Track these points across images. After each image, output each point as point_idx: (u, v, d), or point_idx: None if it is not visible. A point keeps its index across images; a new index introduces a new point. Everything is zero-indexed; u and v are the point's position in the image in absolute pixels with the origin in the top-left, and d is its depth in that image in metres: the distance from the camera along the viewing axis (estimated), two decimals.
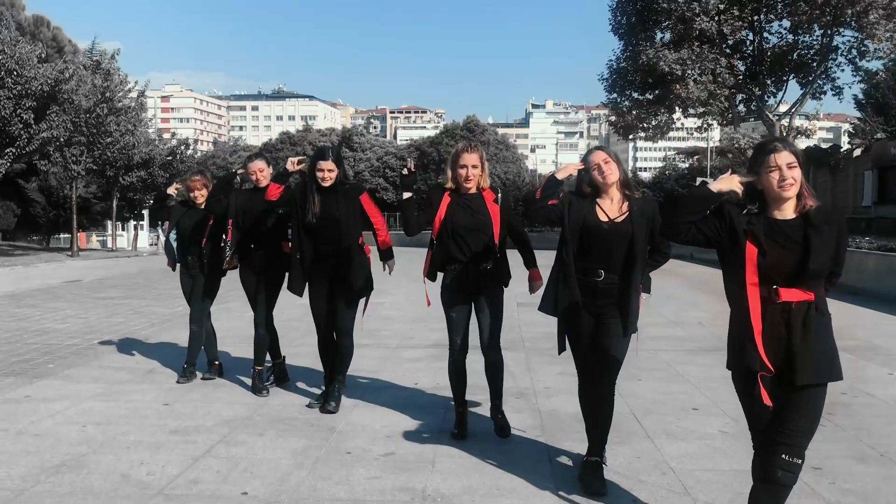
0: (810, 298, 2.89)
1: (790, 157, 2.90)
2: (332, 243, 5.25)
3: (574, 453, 4.48)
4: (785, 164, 2.89)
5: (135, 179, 33.27)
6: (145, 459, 4.37)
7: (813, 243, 2.88)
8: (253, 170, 5.93)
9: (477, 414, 5.36)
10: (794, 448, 2.91)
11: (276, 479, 4.07)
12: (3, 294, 13.64)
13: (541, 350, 7.68)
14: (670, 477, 4.11)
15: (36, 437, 4.80)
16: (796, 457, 2.91)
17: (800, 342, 2.89)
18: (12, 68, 21.79)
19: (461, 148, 4.66)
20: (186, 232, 6.39)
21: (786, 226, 2.94)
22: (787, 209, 2.95)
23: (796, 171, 2.90)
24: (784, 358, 2.92)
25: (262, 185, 5.85)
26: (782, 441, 2.93)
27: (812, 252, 2.86)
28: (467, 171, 4.55)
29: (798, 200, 2.95)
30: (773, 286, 2.89)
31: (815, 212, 2.93)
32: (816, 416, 2.96)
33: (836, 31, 28.33)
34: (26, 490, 3.89)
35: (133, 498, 3.79)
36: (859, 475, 4.17)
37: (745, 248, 2.92)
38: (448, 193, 4.65)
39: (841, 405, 5.69)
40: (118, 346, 8.10)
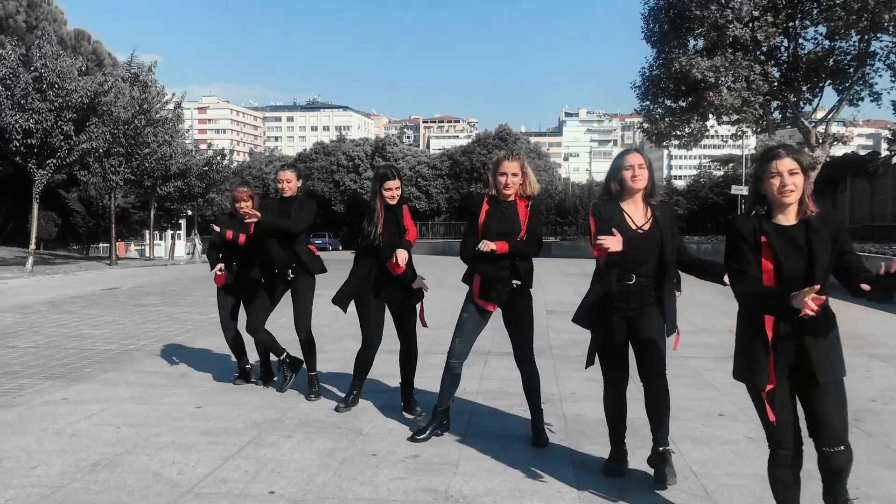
0: (821, 301, 2.91)
1: (792, 164, 2.95)
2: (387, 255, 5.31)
3: (597, 457, 4.51)
4: (786, 170, 2.94)
5: (172, 189, 33.90)
6: (176, 459, 4.50)
7: (815, 248, 2.93)
8: (281, 179, 6.07)
9: (503, 416, 5.42)
10: (836, 438, 3.10)
11: (302, 479, 4.16)
12: (44, 301, 14.00)
13: (568, 357, 7.69)
14: (692, 481, 4.12)
15: (73, 438, 4.96)
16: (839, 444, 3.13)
17: (814, 344, 2.97)
18: (54, 81, 22.38)
19: (502, 156, 4.73)
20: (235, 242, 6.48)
21: (790, 231, 2.98)
22: (790, 214, 3.01)
23: (798, 177, 2.95)
24: (800, 360, 2.96)
25: (287, 195, 6.01)
26: (822, 439, 3.11)
27: (816, 257, 2.91)
28: (507, 178, 4.62)
29: (800, 206, 2.99)
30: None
31: (815, 218, 2.98)
32: (842, 404, 3.11)
33: (874, 37, 27.88)
34: (63, 487, 4.03)
35: (164, 496, 3.90)
36: (884, 481, 4.15)
37: (762, 259, 2.97)
38: (487, 200, 4.73)
39: (870, 412, 5.63)
40: (153, 351, 8.29)
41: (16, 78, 22.27)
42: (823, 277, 2.96)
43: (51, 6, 37.49)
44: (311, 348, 6.10)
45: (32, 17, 35.53)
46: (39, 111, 22.07)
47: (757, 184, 3.09)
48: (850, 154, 38.07)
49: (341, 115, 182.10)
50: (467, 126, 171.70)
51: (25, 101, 22.11)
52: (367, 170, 64.65)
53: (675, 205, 57.25)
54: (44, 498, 3.87)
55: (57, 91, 22.36)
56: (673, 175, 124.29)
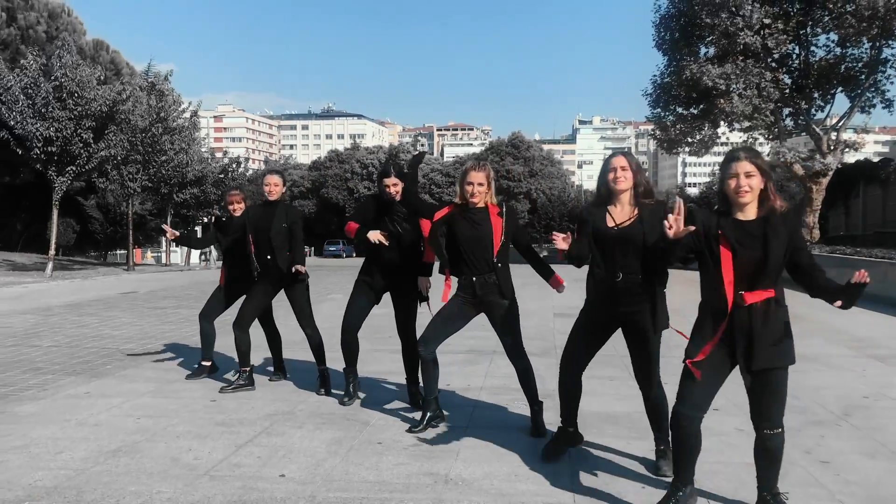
0: (771, 294, 3.20)
1: (749, 167, 3.23)
2: (397, 251, 5.59)
3: (592, 445, 4.73)
4: (743, 172, 3.22)
5: (188, 196, 34.35)
6: (193, 447, 4.76)
7: (770, 242, 3.18)
8: (268, 181, 6.33)
9: (504, 409, 5.65)
10: (770, 421, 3.37)
11: (311, 464, 4.41)
12: (64, 304, 14.36)
13: None
14: None
15: (95, 427, 5.23)
16: (776, 427, 3.37)
17: (759, 334, 3.24)
18: (73, 90, 22.85)
19: (469, 166, 4.95)
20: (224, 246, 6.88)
21: (748, 226, 3.24)
22: (749, 211, 3.29)
23: (754, 179, 3.22)
24: (747, 347, 3.26)
25: (272, 199, 6.27)
26: (761, 421, 3.39)
27: (770, 250, 3.16)
28: (473, 188, 4.84)
29: (762, 204, 3.24)
30: (740, 291, 3.22)
31: (776, 216, 3.26)
32: (782, 394, 3.36)
33: (885, 44, 27.93)
34: (87, 470, 4.29)
35: (182, 478, 4.16)
36: (865, 469, 4.34)
37: (721, 251, 3.23)
38: (451, 206, 4.98)
39: (861, 408, 5.82)
40: (169, 350, 8.56)
41: (37, 87, 22.79)
42: (776, 268, 3.23)
43: (70, 17, 38.17)
44: (319, 345, 6.36)
45: (53, 27, 36.19)
46: (59, 119, 22.55)
47: (721, 183, 3.34)
48: (863, 161, 37.99)
49: (356, 123, 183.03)
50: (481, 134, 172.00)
51: (46, 109, 22.61)
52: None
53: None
54: (69, 479, 4.13)
55: (77, 100, 22.83)
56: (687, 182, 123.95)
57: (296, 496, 3.88)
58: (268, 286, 6.34)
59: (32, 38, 34.33)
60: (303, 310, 6.34)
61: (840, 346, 8.94)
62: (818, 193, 29.24)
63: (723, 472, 4.23)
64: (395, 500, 3.82)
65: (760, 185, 3.27)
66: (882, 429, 5.22)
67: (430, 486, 4.05)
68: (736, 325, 3.29)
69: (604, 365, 5.13)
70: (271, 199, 6.27)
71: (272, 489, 3.98)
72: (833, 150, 28.87)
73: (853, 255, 16.44)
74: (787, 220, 3.31)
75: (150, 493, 3.91)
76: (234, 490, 3.97)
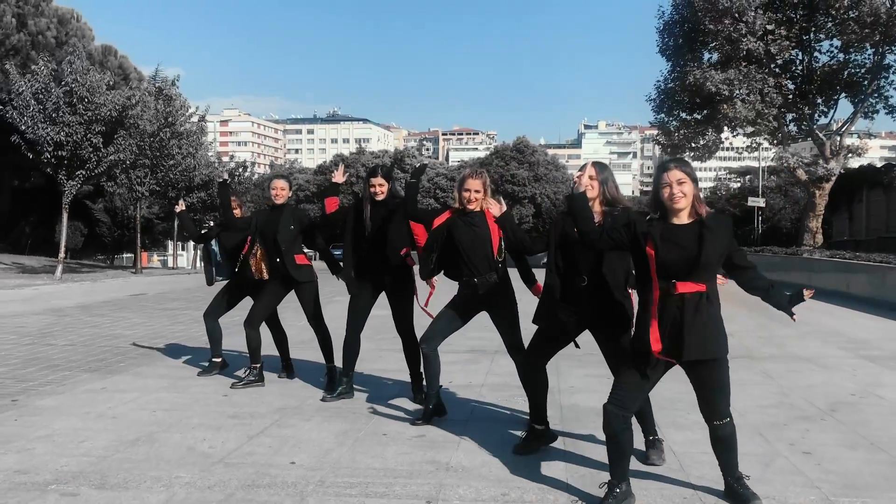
0: (702, 289, 3.50)
1: (680, 175, 3.53)
2: (380, 251, 5.88)
3: (586, 436, 4.99)
4: (675, 180, 3.53)
5: (195, 200, 34.71)
6: (207, 437, 5.02)
7: (706, 242, 3.49)
8: (275, 186, 6.61)
9: (504, 404, 5.91)
10: (718, 413, 3.69)
11: (320, 453, 4.66)
12: (75, 305, 14.66)
13: (570, 356, 8.00)
14: (670, 458, 4.57)
15: (113, 419, 5.49)
16: (723, 418, 3.69)
17: (690, 326, 3.51)
18: (83, 95, 23.23)
19: (467, 174, 5.23)
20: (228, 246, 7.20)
21: (682, 229, 3.55)
22: (683, 216, 3.60)
23: (686, 186, 3.54)
24: (677, 337, 3.53)
25: (279, 203, 6.54)
26: (708, 414, 3.72)
27: (704, 249, 3.48)
28: (470, 194, 5.11)
29: (693, 209, 3.53)
30: (672, 280, 3.51)
31: (708, 218, 3.57)
32: (725, 386, 3.67)
33: (888, 50, 28.13)
34: (109, 457, 4.56)
35: (198, 464, 4.42)
36: (845, 459, 4.57)
37: (646, 249, 3.52)
38: (450, 211, 5.24)
39: (847, 404, 6.05)
40: (179, 350, 8.83)
41: (48, 92, 23.16)
42: (708, 266, 3.52)
43: (80, 22, 38.61)
44: (327, 344, 6.63)
45: (62, 33, 36.62)
46: (70, 124, 22.94)
47: (655, 192, 3.66)
48: (866, 166, 38.13)
49: (361, 127, 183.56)
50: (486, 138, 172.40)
51: (57, 114, 22.98)
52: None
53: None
54: (93, 465, 4.40)
55: (87, 105, 23.22)
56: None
57: (306, 481, 4.13)
58: (277, 287, 6.60)
59: (42, 43, 34.75)
60: (312, 310, 6.61)
61: (835, 348, 9.15)
62: (821, 198, 29.43)
63: (708, 462, 4.42)
64: (399, 485, 4.07)
65: (692, 191, 3.56)
66: (865, 424, 5.45)
67: (432, 472, 4.30)
68: (667, 315, 3.54)
69: (599, 365, 5.35)
70: (278, 202, 6.54)
71: (283, 475, 4.24)
72: (836, 155, 29.06)
73: (852, 260, 16.63)
74: (722, 224, 3.63)
75: (169, 478, 4.17)
76: (247, 475, 4.22)
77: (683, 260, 3.51)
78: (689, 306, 3.52)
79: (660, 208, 3.67)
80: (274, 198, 6.56)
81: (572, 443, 4.93)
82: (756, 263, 3.88)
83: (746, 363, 7.98)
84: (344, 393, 6.14)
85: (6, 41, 33.59)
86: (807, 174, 29.20)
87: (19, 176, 35.79)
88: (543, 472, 4.31)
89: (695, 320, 3.52)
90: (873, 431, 5.22)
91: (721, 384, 3.68)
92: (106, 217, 40.21)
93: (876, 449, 4.80)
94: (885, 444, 4.89)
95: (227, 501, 3.82)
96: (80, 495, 3.90)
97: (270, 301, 6.68)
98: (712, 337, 3.57)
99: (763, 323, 11.40)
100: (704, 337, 3.54)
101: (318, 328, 6.63)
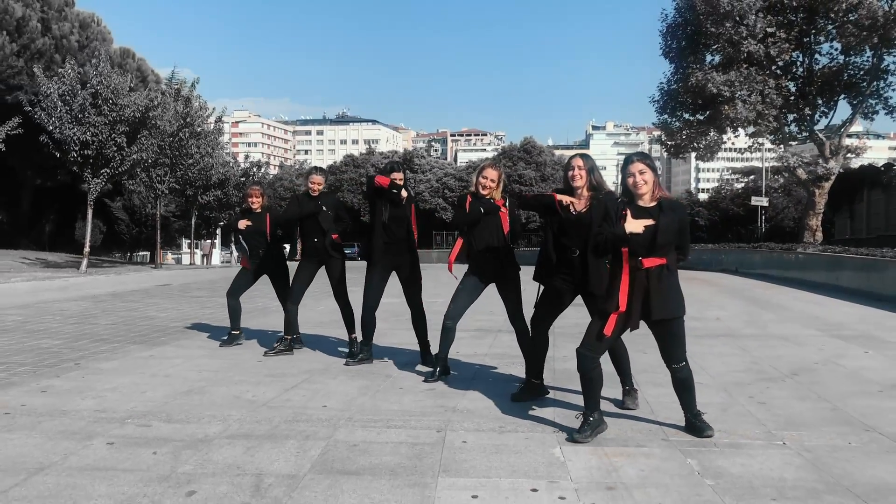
0: (663, 262, 4.39)
1: (641, 166, 4.42)
2: (397, 234, 6.75)
3: (573, 391, 5.81)
4: (637, 171, 4.37)
5: (211, 199, 35.71)
6: (249, 389, 5.88)
7: (661, 222, 4.30)
8: (313, 181, 7.48)
9: (504, 369, 6.75)
10: (675, 358, 4.56)
11: (346, 400, 5.52)
12: (107, 293, 15.59)
13: (567, 334, 8.90)
14: (644, 406, 5.39)
15: (166, 377, 6.37)
16: (680, 362, 4.57)
17: (654, 291, 4.40)
18: (108, 97, 24.22)
19: (486, 164, 6.15)
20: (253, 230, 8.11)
21: (645, 210, 4.39)
22: (646, 199, 4.45)
23: (647, 174, 4.42)
24: (645, 302, 4.40)
25: (314, 194, 7.42)
26: (668, 360, 4.59)
27: (660, 228, 4.28)
28: (486, 181, 5.99)
29: (653, 194, 4.40)
30: (638, 258, 4.36)
31: (665, 202, 4.43)
32: (681, 338, 4.56)
33: (886, 52, 28.78)
34: (169, 402, 5.43)
35: (245, 407, 5.28)
36: (793, 407, 5.38)
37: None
38: (469, 196, 6.08)
39: (808, 370, 6.85)
40: (213, 328, 9.70)
41: (74, 94, 24.15)
42: (666, 242, 4.38)
43: (100, 26, 39.67)
44: (350, 316, 7.49)
45: (83, 36, 37.67)
46: (96, 125, 23.93)
47: (623, 182, 4.50)
48: (867, 166, 38.75)
49: (370, 128, 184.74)
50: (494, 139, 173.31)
51: (83, 115, 23.98)
52: None
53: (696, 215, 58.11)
54: (157, 407, 5.27)
55: (111, 106, 24.20)
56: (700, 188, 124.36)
57: (337, 418, 4.99)
58: (311, 265, 7.46)
59: (66, 47, 35.81)
60: (337, 283, 7.47)
61: (811, 329, 9.92)
62: (821, 197, 30.12)
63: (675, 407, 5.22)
64: (415, 421, 4.93)
65: (652, 179, 4.40)
66: (820, 384, 6.25)
67: (442, 413, 5.15)
68: (636, 284, 4.40)
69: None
70: (313, 195, 7.41)
71: (318, 414, 5.10)
72: (835, 155, 29.74)
73: (841, 254, 17.40)
74: (674, 208, 4.49)
75: (223, 416, 5.03)
76: (287, 414, 5.09)
77: (648, 233, 4.34)
78: (654, 277, 4.40)
79: (627, 194, 4.52)
80: (311, 191, 7.42)
81: (561, 395, 5.76)
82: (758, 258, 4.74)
83: (727, 340, 8.79)
84: (364, 359, 7.00)
85: (31, 45, 34.69)
86: (807, 173, 29.89)
87: (41, 175, 36.85)
88: (535, 413, 5.15)
89: (659, 288, 4.40)
90: (824, 389, 6.03)
91: (679, 336, 4.56)
92: (124, 215, 41.31)
93: (821, 400, 5.62)
94: (831, 397, 5.71)
95: (273, 431, 4.68)
96: (152, 426, 4.77)
97: (307, 278, 7.52)
98: (672, 301, 4.46)
99: (750, 310, 12.20)
100: (666, 301, 4.43)
101: (342, 301, 7.47)
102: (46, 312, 11.48)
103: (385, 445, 4.36)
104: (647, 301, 4.41)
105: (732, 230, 49.61)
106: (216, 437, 4.53)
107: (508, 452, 4.24)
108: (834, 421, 5.01)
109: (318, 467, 3.96)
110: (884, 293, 14.08)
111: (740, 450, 4.33)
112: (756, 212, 44.17)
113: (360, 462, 4.05)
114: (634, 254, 4.38)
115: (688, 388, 4.64)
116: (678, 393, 4.68)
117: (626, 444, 4.44)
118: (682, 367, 4.58)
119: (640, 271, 4.39)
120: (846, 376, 6.60)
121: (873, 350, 8.09)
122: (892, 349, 8.13)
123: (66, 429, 4.69)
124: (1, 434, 4.57)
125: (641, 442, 4.51)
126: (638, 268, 4.38)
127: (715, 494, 3.60)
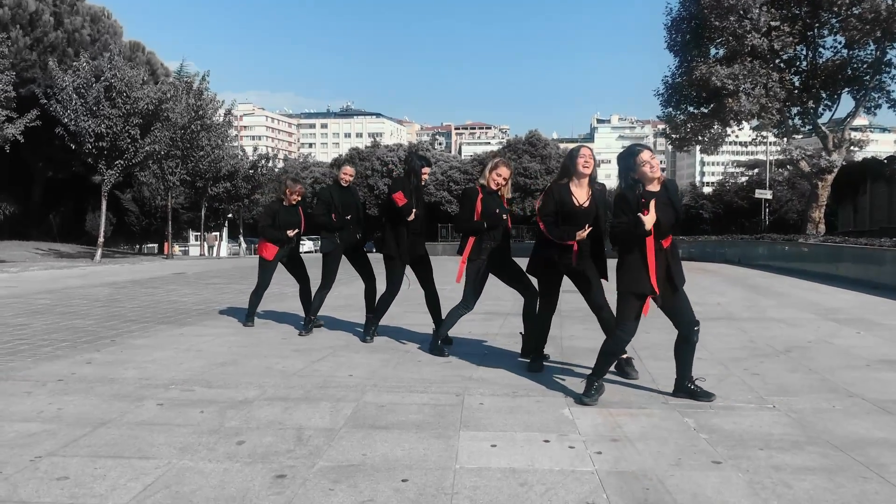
0: (671, 240, 4.82)
1: (650, 153, 4.85)
2: (420, 229, 7.21)
3: (582, 364, 6.25)
4: (650, 158, 4.80)
5: (221, 190, 36.20)
6: (279, 362, 6.33)
7: (673, 198, 4.76)
8: (346, 171, 7.95)
9: (513, 346, 7.19)
10: (691, 321, 4.97)
11: (370, 371, 5.97)
12: (127, 281, 16.05)
13: (574, 317, 9.38)
14: (645, 376, 5.82)
15: (199, 352, 6.82)
16: (695, 324, 4.98)
17: (673, 266, 4.88)
18: (122, 90, 24.68)
19: (501, 161, 6.51)
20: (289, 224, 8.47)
21: (658, 194, 4.80)
22: (656, 184, 4.82)
23: (656, 159, 4.80)
24: (665, 277, 4.83)
25: (345, 185, 7.88)
26: (690, 324, 4.98)
27: (675, 202, 4.78)
28: (500, 179, 6.39)
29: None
30: (660, 240, 4.79)
31: (667, 181, 4.83)
32: (689, 301, 5.00)
33: (889, 46, 29.05)
34: (206, 372, 5.88)
35: (277, 376, 5.73)
36: (784, 378, 5.81)
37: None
38: (480, 190, 6.42)
39: (801, 347, 7.27)
40: (235, 311, 10.14)
41: (88, 87, 24.60)
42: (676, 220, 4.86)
43: (111, 20, 40.12)
44: (372, 295, 7.93)
45: (95, 30, 38.13)
46: (110, 117, 24.41)
47: (628, 172, 4.88)
48: (870, 158, 39.03)
49: (374, 121, 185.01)
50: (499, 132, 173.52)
51: (97, 107, 24.44)
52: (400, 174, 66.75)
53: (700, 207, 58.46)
54: (196, 375, 5.72)
55: (125, 99, 24.67)
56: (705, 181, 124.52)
57: (363, 385, 5.43)
58: (340, 253, 7.90)
59: (78, 40, 36.29)
60: (364, 267, 7.94)
61: (808, 313, 10.33)
62: (823, 189, 30.44)
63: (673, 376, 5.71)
64: (435, 387, 5.37)
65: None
66: (811, 359, 6.68)
67: (459, 381, 5.59)
68: (660, 263, 4.81)
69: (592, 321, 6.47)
70: (344, 185, 7.86)
71: (345, 382, 5.55)
72: (838, 147, 30.05)
73: (841, 244, 17.80)
74: (674, 183, 4.96)
75: (259, 383, 5.48)
76: (317, 382, 5.54)
77: (669, 215, 4.75)
78: (671, 253, 4.88)
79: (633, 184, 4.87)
80: (342, 181, 7.88)
81: (568, 368, 6.20)
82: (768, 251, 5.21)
83: (727, 322, 9.21)
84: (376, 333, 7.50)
85: (44, 38, 35.19)
86: (810, 166, 30.22)
87: (52, 167, 37.36)
88: (545, 382, 5.59)
89: (674, 262, 4.89)
90: (815, 363, 6.45)
91: (687, 300, 5.00)
92: (134, 207, 41.86)
93: (811, 372, 6.05)
94: (821, 370, 6.13)
95: (307, 395, 5.12)
96: (195, 391, 5.22)
97: (335, 265, 7.95)
98: (682, 272, 4.96)
99: (750, 296, 12.60)
100: (681, 269, 4.96)
101: (369, 280, 7.92)
102: (73, 297, 11.95)
103: (410, 406, 4.81)
104: (669, 274, 4.85)
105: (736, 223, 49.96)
106: (255, 399, 4.98)
107: (522, 412, 4.68)
108: (821, 389, 5.44)
109: (351, 423, 4.40)
110: (881, 281, 14.48)
111: (733, 411, 4.76)
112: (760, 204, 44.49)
113: (388, 419, 4.50)
114: (656, 237, 4.78)
115: (693, 352, 5.10)
116: (684, 355, 5.09)
117: (629, 407, 4.88)
118: (698, 329, 5.03)
119: (661, 252, 4.81)
120: (837, 353, 7.02)
121: (865, 331, 8.50)
122: (884, 330, 8.54)
123: (117, 392, 5.15)
124: (60, 396, 5.02)
125: (643, 404, 4.94)
126: (660, 249, 4.80)
127: (709, 445, 4.03)
